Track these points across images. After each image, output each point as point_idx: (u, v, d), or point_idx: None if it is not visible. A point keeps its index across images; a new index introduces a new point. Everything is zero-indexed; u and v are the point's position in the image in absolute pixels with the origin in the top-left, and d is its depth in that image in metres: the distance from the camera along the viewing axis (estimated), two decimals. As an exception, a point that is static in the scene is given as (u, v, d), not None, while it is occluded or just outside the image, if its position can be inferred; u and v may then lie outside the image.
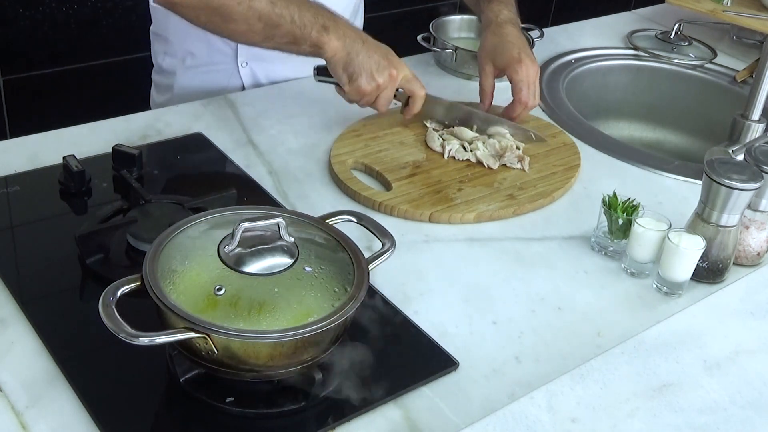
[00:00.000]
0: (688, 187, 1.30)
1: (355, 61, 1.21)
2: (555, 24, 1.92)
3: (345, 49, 1.21)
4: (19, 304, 0.94)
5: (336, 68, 1.23)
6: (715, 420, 0.85)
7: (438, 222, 1.16)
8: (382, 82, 1.23)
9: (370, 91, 1.23)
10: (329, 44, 1.20)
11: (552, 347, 0.96)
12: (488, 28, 1.45)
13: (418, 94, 1.29)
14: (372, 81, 1.22)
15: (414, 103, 1.30)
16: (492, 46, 1.41)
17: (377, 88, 1.23)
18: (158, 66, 1.56)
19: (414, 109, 1.31)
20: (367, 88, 1.22)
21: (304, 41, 1.20)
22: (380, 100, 1.26)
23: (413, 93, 1.29)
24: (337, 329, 0.82)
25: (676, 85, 1.79)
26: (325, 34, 1.20)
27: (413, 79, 1.28)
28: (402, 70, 1.25)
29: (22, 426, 0.80)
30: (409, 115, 1.32)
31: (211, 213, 0.90)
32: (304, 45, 1.21)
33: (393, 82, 1.24)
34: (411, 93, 1.29)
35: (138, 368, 0.87)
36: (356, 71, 1.21)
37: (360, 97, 1.25)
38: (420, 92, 1.29)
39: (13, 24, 2.13)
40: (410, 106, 1.31)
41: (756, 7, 1.89)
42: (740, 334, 0.97)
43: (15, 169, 1.18)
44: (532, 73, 1.38)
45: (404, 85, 1.27)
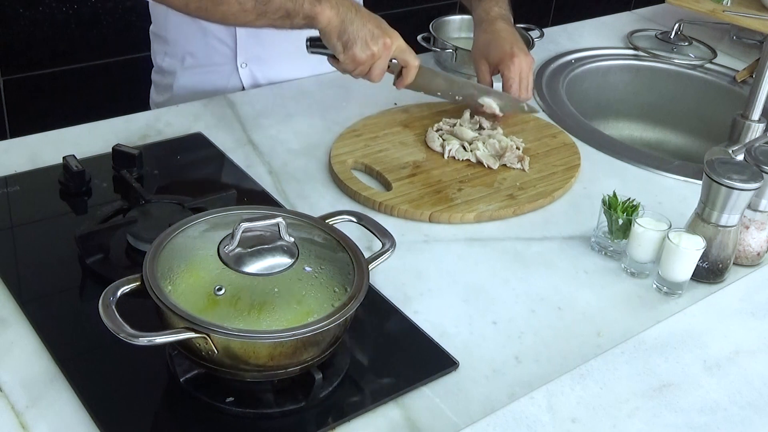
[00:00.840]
0: (688, 187, 1.30)
1: (349, 29, 1.20)
2: (555, 24, 1.92)
3: (339, 17, 1.19)
4: (19, 304, 0.94)
5: (330, 37, 1.20)
6: (715, 420, 0.85)
7: (438, 222, 1.16)
8: (376, 51, 1.21)
9: (364, 60, 1.22)
10: (323, 14, 1.18)
11: (552, 347, 0.96)
12: (480, 25, 1.45)
13: (411, 64, 1.28)
14: (367, 49, 1.21)
15: (408, 73, 1.29)
16: (484, 44, 1.42)
17: (372, 56, 1.22)
18: (158, 66, 1.56)
19: (407, 79, 1.29)
20: (362, 56, 1.21)
21: (297, 14, 1.18)
22: (374, 70, 1.24)
23: (407, 63, 1.28)
24: (337, 329, 0.82)
25: (676, 85, 1.79)
26: (318, 5, 1.18)
27: (407, 49, 1.27)
28: (396, 39, 1.24)
29: (22, 426, 0.80)
30: (401, 85, 1.31)
31: (211, 213, 0.90)
32: (297, 18, 1.19)
33: (387, 50, 1.23)
34: (405, 63, 1.28)
35: (138, 368, 0.87)
36: (351, 39, 1.20)
37: (354, 66, 1.23)
38: (414, 62, 1.28)
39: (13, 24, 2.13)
40: (403, 77, 1.29)
41: (756, 7, 1.89)
42: (740, 334, 0.97)
43: (15, 169, 1.18)
44: (525, 67, 1.38)
45: (398, 55, 1.26)
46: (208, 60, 1.49)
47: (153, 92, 1.60)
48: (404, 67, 1.28)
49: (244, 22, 1.22)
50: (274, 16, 1.19)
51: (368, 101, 1.45)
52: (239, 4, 1.17)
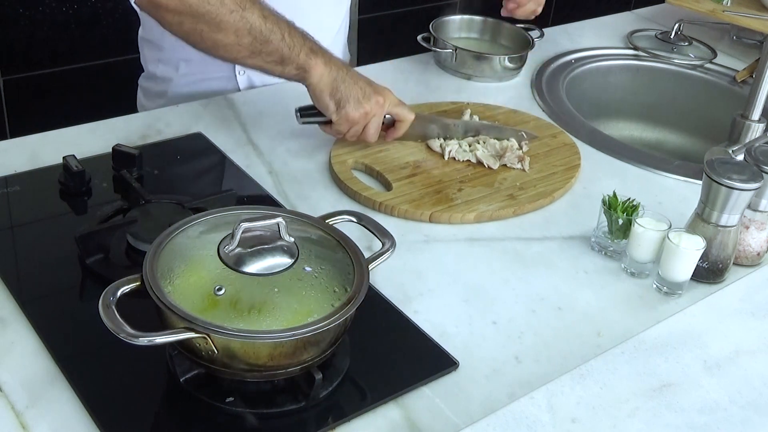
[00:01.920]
0: (688, 187, 1.30)
1: (341, 88, 1.18)
2: (555, 24, 1.92)
3: (330, 75, 1.18)
4: (19, 304, 0.94)
5: (322, 95, 1.18)
6: (715, 420, 0.85)
7: (438, 222, 1.16)
8: (369, 109, 1.20)
9: (357, 118, 1.20)
10: (316, 68, 1.17)
11: (552, 347, 0.96)
12: None
13: (407, 119, 1.26)
14: (360, 107, 1.19)
15: (401, 126, 1.26)
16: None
17: (365, 115, 1.20)
18: (149, 73, 1.52)
19: (399, 132, 1.27)
20: (355, 114, 1.19)
21: (291, 62, 1.16)
22: (369, 129, 1.22)
23: (403, 117, 1.25)
24: (337, 329, 0.82)
25: (676, 85, 1.79)
26: (313, 58, 1.17)
27: (400, 104, 1.25)
28: (388, 95, 1.22)
29: (22, 426, 0.80)
30: (391, 137, 1.28)
31: (211, 213, 0.90)
32: (290, 66, 1.17)
33: (380, 108, 1.21)
34: (400, 118, 1.25)
35: (138, 368, 0.87)
36: (343, 97, 1.18)
37: (348, 126, 1.21)
38: (409, 116, 1.26)
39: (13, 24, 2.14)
40: (396, 129, 1.27)
41: (756, 7, 1.89)
42: (740, 334, 0.97)
43: (15, 169, 1.18)
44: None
45: (392, 111, 1.24)
46: (205, 67, 1.46)
47: (142, 98, 1.57)
48: (398, 121, 1.26)
49: (234, 57, 1.18)
50: (267, 58, 1.16)
51: (368, 101, 1.44)
52: (236, 37, 1.14)
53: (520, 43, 1.69)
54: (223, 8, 1.12)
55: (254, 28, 1.14)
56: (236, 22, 1.13)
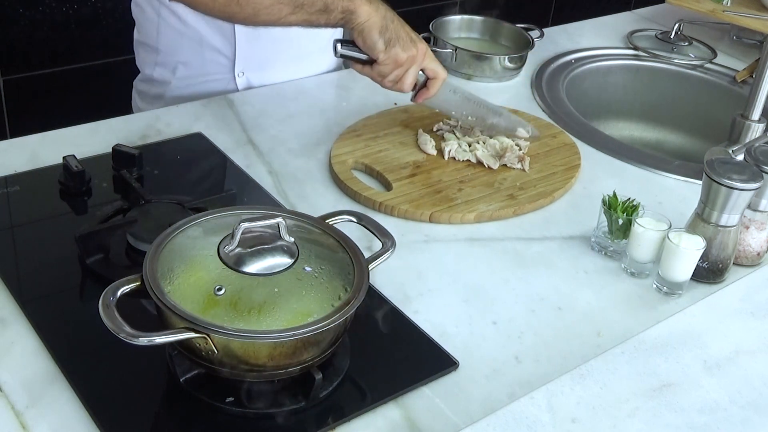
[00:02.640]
0: (688, 187, 1.30)
1: (390, 27, 1.15)
2: (555, 24, 1.92)
3: (379, 13, 1.15)
4: (19, 304, 0.94)
5: (371, 33, 1.15)
6: (715, 420, 0.85)
7: (438, 222, 1.16)
8: (415, 53, 1.17)
9: (404, 60, 1.17)
10: (362, 8, 1.14)
11: (552, 347, 0.96)
12: None
13: (440, 76, 1.24)
14: (409, 49, 1.16)
15: (434, 84, 1.24)
16: None
17: (413, 58, 1.17)
18: (146, 76, 1.51)
19: (432, 90, 1.25)
20: (403, 56, 1.16)
21: (335, 8, 1.14)
22: (408, 76, 1.20)
23: (437, 74, 1.23)
24: (337, 329, 0.82)
25: (676, 85, 1.79)
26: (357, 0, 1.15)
27: (436, 60, 1.23)
28: (427, 48, 1.21)
29: (22, 426, 0.80)
30: (423, 97, 1.26)
31: (211, 213, 0.90)
32: (334, 12, 1.14)
33: (422, 56, 1.19)
34: (434, 74, 1.23)
35: (138, 368, 0.87)
36: (393, 36, 1.15)
37: (394, 67, 1.18)
38: (443, 74, 1.24)
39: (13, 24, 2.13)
40: (428, 88, 1.25)
41: (756, 7, 1.89)
42: (740, 334, 0.97)
43: (15, 169, 1.18)
44: None
45: (428, 65, 1.22)
46: (203, 70, 1.45)
47: (137, 101, 1.55)
48: (431, 78, 1.24)
49: (275, 17, 1.15)
50: (311, 9, 1.14)
51: (368, 101, 1.45)
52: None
53: (520, 43, 1.69)
54: None
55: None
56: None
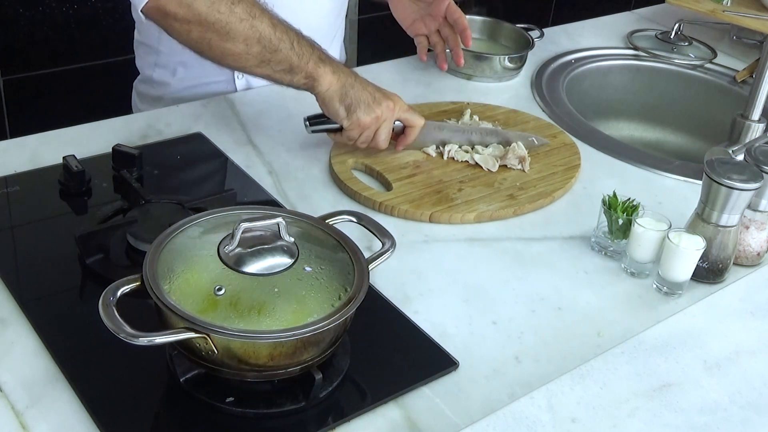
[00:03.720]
0: (688, 187, 1.30)
1: (350, 93, 1.17)
2: (555, 24, 1.92)
3: (339, 81, 1.17)
4: (19, 304, 0.94)
5: (332, 102, 1.17)
6: (715, 420, 0.85)
7: (438, 222, 1.16)
8: (380, 114, 1.19)
9: (369, 123, 1.19)
10: (325, 77, 1.16)
11: (552, 347, 0.96)
12: None
13: (417, 124, 1.25)
14: (371, 112, 1.18)
15: (412, 132, 1.25)
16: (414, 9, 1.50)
17: (376, 119, 1.19)
18: (146, 77, 1.51)
19: (410, 138, 1.26)
20: (366, 119, 1.18)
21: (300, 71, 1.15)
22: (380, 134, 1.21)
23: (413, 123, 1.24)
24: (337, 329, 0.82)
25: (676, 85, 1.79)
26: (322, 66, 1.16)
27: (410, 110, 1.24)
28: (398, 101, 1.22)
29: (22, 426, 0.80)
30: (402, 145, 1.27)
31: (211, 213, 0.90)
32: (298, 75, 1.16)
33: (391, 113, 1.20)
34: (410, 123, 1.24)
35: (138, 368, 0.87)
36: (353, 102, 1.17)
37: (360, 131, 1.20)
38: (419, 122, 1.25)
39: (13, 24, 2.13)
40: (406, 135, 1.25)
41: (756, 7, 1.89)
42: (740, 334, 0.97)
43: (15, 169, 1.18)
44: None
45: (402, 116, 1.23)
46: (203, 71, 1.44)
47: (137, 101, 1.55)
48: (408, 127, 1.25)
49: (243, 65, 1.17)
50: (276, 67, 1.15)
51: (368, 101, 1.44)
52: (246, 46, 1.12)
53: (520, 43, 1.69)
54: (233, 17, 1.11)
55: (264, 36, 1.12)
56: (246, 31, 1.11)
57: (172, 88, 1.48)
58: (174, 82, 1.47)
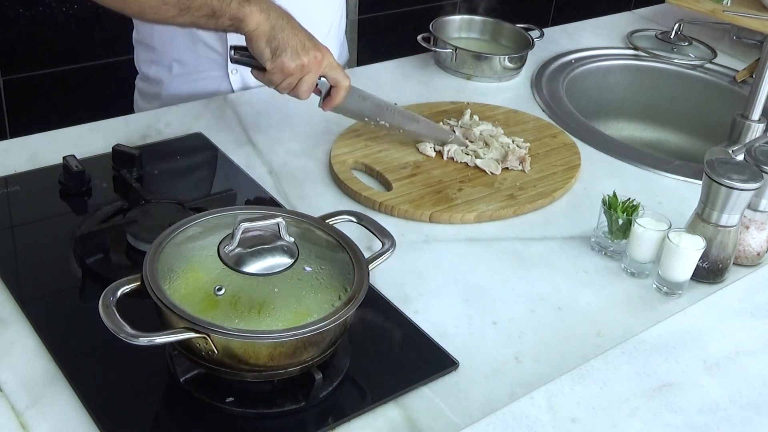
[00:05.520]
0: (688, 187, 1.30)
1: (279, 36, 1.12)
2: (555, 24, 1.92)
3: (269, 22, 1.11)
4: (19, 304, 0.94)
5: (258, 42, 1.12)
6: (715, 420, 0.85)
7: (438, 222, 1.16)
8: (306, 62, 1.13)
9: (293, 69, 1.13)
10: (251, 16, 1.10)
11: (552, 347, 0.96)
12: None
13: (342, 84, 1.20)
14: (297, 58, 1.13)
15: (337, 93, 1.20)
16: None
17: (302, 67, 1.14)
18: (143, 74, 1.52)
19: (336, 99, 1.21)
20: (291, 65, 1.13)
21: (223, 13, 1.10)
22: (302, 84, 1.16)
23: (337, 82, 1.19)
24: (337, 329, 0.82)
25: (676, 85, 1.79)
26: (247, 6, 1.10)
27: (338, 67, 1.19)
28: (327, 54, 1.16)
29: (22, 426, 0.80)
30: (329, 106, 1.22)
31: (211, 213, 0.90)
32: (223, 18, 1.11)
33: (317, 65, 1.15)
34: (335, 82, 1.19)
35: (138, 368, 0.87)
36: (281, 46, 1.12)
37: (282, 77, 1.15)
38: (344, 82, 1.20)
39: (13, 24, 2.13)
40: (332, 96, 1.20)
41: (756, 7, 1.89)
42: (740, 334, 0.97)
43: (15, 169, 1.18)
44: None
45: (328, 72, 1.18)
46: (197, 67, 1.45)
47: (138, 100, 1.56)
48: (333, 87, 1.20)
49: (164, 17, 1.13)
50: (198, 13, 1.11)
51: (368, 101, 1.44)
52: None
53: (520, 43, 1.69)
54: None
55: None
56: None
57: (169, 84, 1.48)
58: (170, 78, 1.47)
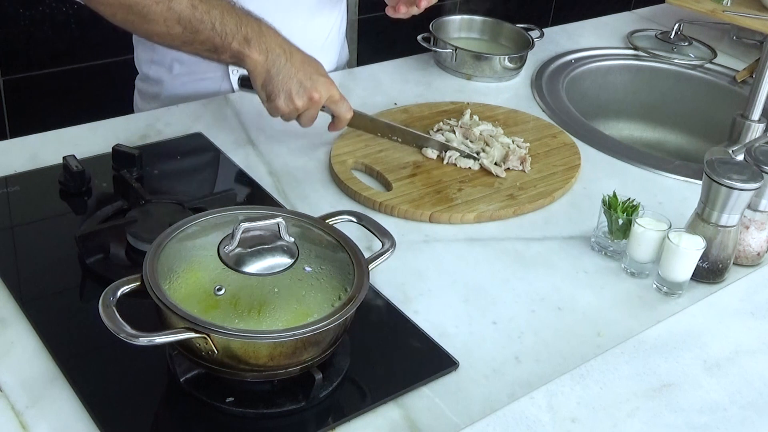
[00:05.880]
0: (688, 187, 1.30)
1: (275, 80, 1.15)
2: (555, 24, 1.92)
3: (266, 65, 1.15)
4: (19, 304, 0.94)
5: (255, 82, 1.17)
6: (715, 420, 0.85)
7: (438, 222, 1.16)
8: (300, 105, 1.17)
9: (288, 112, 1.18)
10: (250, 57, 1.14)
11: (552, 347, 0.96)
12: None
13: (343, 117, 1.23)
14: (290, 103, 1.16)
15: (338, 123, 1.25)
16: None
17: (295, 110, 1.18)
18: (143, 74, 1.52)
19: (337, 127, 1.26)
20: (285, 109, 1.17)
21: (225, 51, 1.14)
22: (302, 119, 1.20)
23: (339, 115, 1.23)
24: (337, 329, 0.82)
25: (676, 85, 1.79)
26: (247, 47, 1.13)
27: (339, 101, 1.22)
28: (326, 92, 1.19)
29: (22, 426, 0.80)
30: (331, 131, 1.27)
31: (211, 213, 0.90)
32: (224, 55, 1.15)
33: (315, 105, 1.18)
34: (337, 115, 1.23)
35: (138, 368, 0.87)
36: (275, 91, 1.16)
37: (278, 115, 1.20)
38: (346, 115, 1.23)
39: (13, 24, 2.13)
40: (334, 124, 1.25)
41: (756, 7, 1.89)
42: (740, 334, 0.97)
43: (15, 169, 1.18)
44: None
45: (330, 106, 1.21)
46: (198, 67, 1.44)
47: (138, 100, 1.56)
48: (336, 118, 1.24)
49: (170, 45, 1.17)
50: (201, 47, 1.15)
51: (368, 101, 1.45)
52: (166, 27, 1.12)
53: (520, 43, 1.69)
54: None
55: (183, 18, 1.12)
56: (163, 13, 1.11)
57: (169, 84, 1.48)
58: (170, 78, 1.47)
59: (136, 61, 1.53)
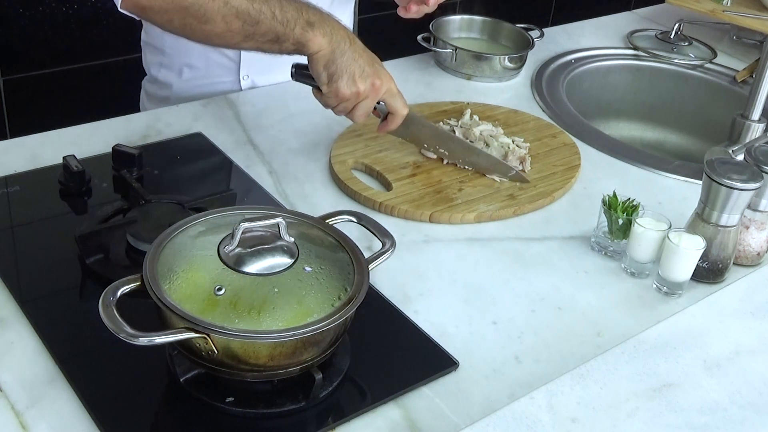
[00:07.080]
0: (688, 187, 1.30)
1: (338, 61, 1.11)
2: (555, 24, 1.92)
3: (330, 46, 1.11)
4: (19, 304, 0.94)
5: (317, 65, 1.12)
6: (715, 420, 0.85)
7: (438, 222, 1.16)
8: (362, 90, 1.13)
9: (348, 96, 1.13)
10: (314, 40, 1.10)
11: (552, 347, 0.96)
12: None
13: (399, 112, 1.19)
14: (353, 85, 1.12)
15: (393, 120, 1.20)
16: None
17: (357, 94, 1.13)
18: (152, 77, 1.52)
19: (391, 126, 1.21)
20: (346, 91, 1.13)
21: (287, 38, 1.10)
22: (358, 109, 1.16)
23: (395, 110, 1.19)
24: (337, 329, 0.82)
25: (676, 85, 1.79)
26: (310, 31, 1.10)
27: (397, 95, 1.18)
28: (387, 82, 1.16)
29: (22, 426, 0.80)
30: (383, 130, 1.22)
31: (211, 213, 0.90)
32: (287, 43, 1.11)
33: (375, 92, 1.14)
34: (393, 110, 1.19)
35: (138, 368, 0.87)
36: (338, 72, 1.12)
37: (337, 101, 1.15)
38: (402, 110, 1.19)
39: (13, 24, 2.13)
40: (388, 122, 1.20)
41: (756, 7, 1.89)
42: (740, 334, 0.97)
43: (15, 169, 1.18)
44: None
45: (386, 99, 1.17)
46: (208, 72, 1.45)
47: (145, 101, 1.56)
48: (391, 114, 1.20)
49: (229, 43, 1.14)
50: (262, 39, 1.12)
51: (368, 101, 1.44)
52: (225, 24, 1.09)
53: (520, 43, 1.69)
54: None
55: (241, 11, 1.09)
56: (221, 9, 1.09)
57: (178, 88, 1.48)
58: (179, 82, 1.47)
59: (144, 63, 1.53)
